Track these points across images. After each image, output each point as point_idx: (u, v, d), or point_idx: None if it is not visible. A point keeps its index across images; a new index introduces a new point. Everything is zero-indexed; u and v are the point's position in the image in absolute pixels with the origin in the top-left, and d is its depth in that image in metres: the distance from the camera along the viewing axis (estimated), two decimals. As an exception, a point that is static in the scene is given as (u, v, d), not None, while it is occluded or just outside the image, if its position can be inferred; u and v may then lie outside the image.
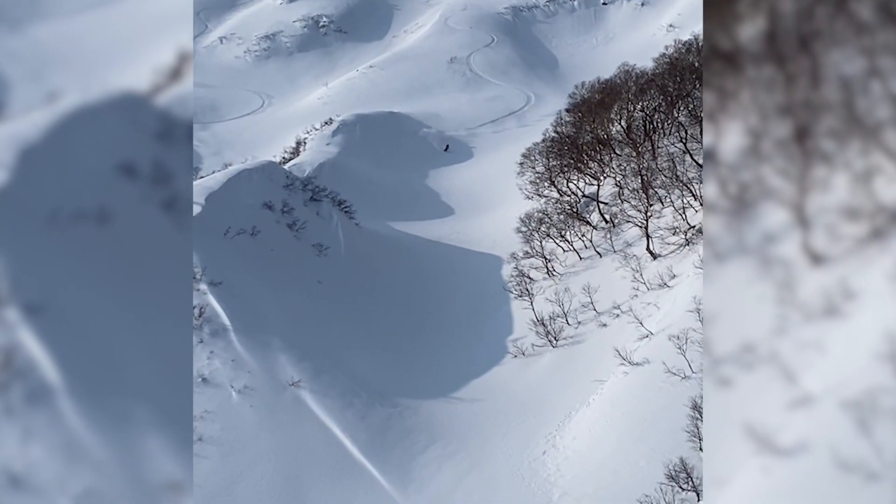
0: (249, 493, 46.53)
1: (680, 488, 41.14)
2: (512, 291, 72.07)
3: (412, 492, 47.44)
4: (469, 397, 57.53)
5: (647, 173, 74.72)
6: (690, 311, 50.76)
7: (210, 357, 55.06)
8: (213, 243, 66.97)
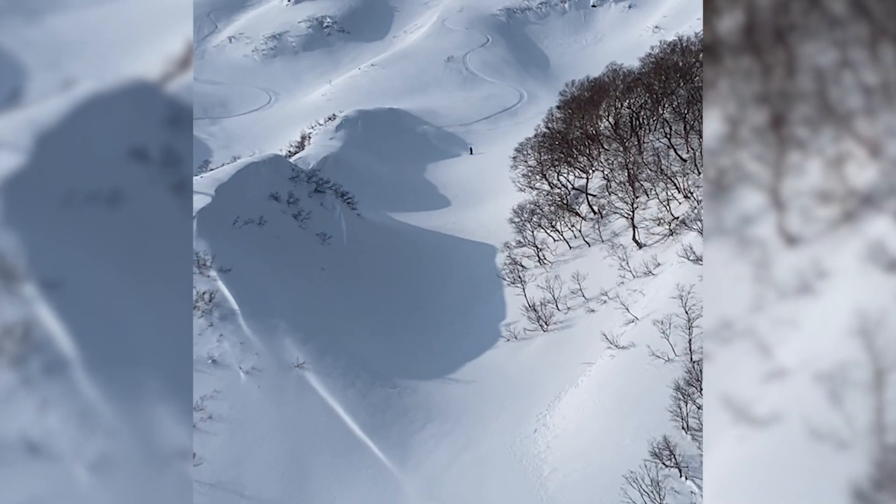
0: (257, 468, 46.57)
1: (663, 465, 41.24)
2: (505, 279, 72.11)
3: (410, 467, 47.51)
4: (464, 378, 57.58)
5: (634, 167, 74.74)
6: (674, 297, 50.77)
7: (219, 340, 55.07)
8: (223, 232, 66.92)
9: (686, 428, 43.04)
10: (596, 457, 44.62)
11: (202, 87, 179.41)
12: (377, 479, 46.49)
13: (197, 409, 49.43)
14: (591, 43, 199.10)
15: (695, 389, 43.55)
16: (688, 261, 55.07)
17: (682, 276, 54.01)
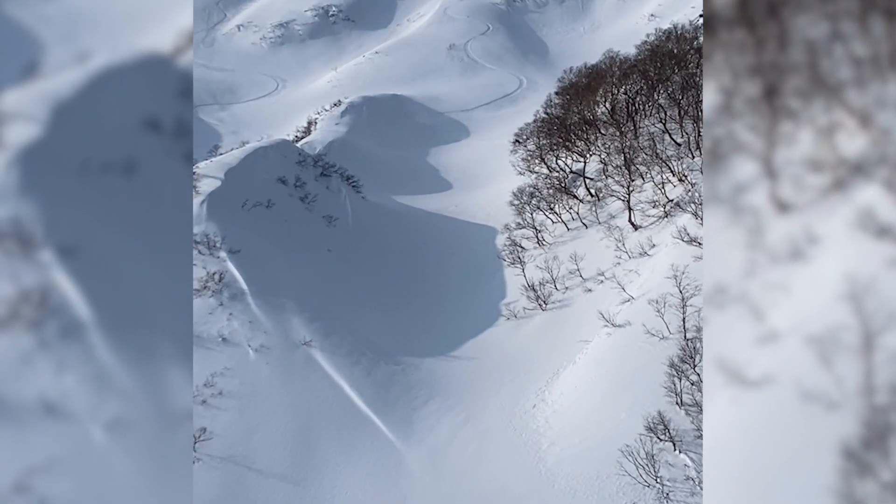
0: (266, 442, 46.64)
1: (658, 439, 41.23)
2: (505, 259, 72.03)
3: (413, 442, 47.55)
4: (465, 356, 57.57)
5: (630, 151, 74.49)
6: (668, 277, 50.65)
7: (229, 319, 55.08)
8: (232, 215, 66.88)
9: (680, 403, 43.01)
10: (593, 431, 44.62)
11: (212, 74, 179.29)
12: (381, 453, 46.55)
13: (207, 386, 49.52)
14: (588, 31, 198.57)
15: (688, 366, 43.52)
16: (682, 242, 54.92)
17: (677, 256, 53.88)
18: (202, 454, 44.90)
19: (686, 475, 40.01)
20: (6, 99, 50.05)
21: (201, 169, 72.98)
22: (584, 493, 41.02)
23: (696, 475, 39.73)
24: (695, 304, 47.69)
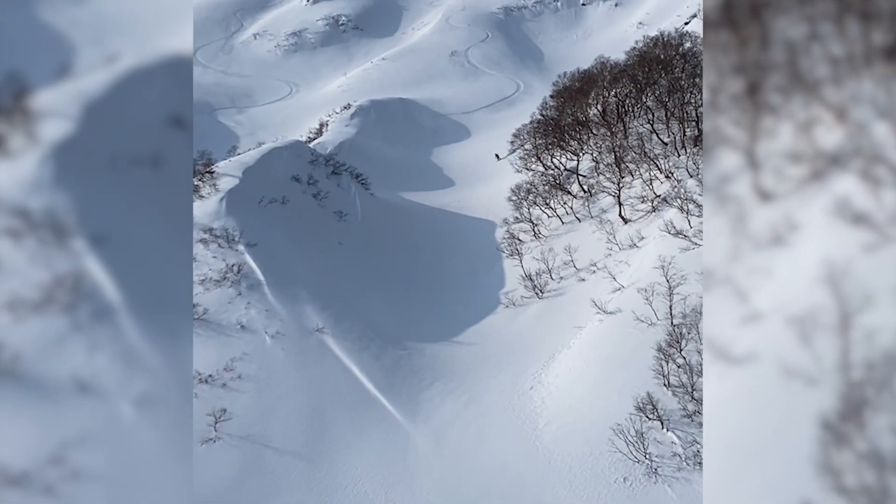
0: (281, 422, 46.65)
1: (647, 418, 41.24)
2: (504, 251, 72.01)
3: (419, 421, 47.55)
4: (467, 341, 57.55)
5: (620, 150, 74.45)
6: (656, 267, 50.62)
7: (247, 307, 55.06)
8: (249, 210, 66.83)
9: (667, 385, 42.99)
10: (586, 411, 44.62)
11: (230, 80, 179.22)
12: (389, 432, 46.55)
13: (227, 370, 49.55)
14: (581, 38, 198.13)
15: (675, 350, 43.50)
16: (669, 234, 54.85)
17: (664, 248, 53.83)
18: (222, 433, 44.94)
19: (673, 451, 40.02)
20: (41, 98, 50.18)
21: (221, 168, 72.92)
22: (579, 469, 41.05)
23: (683, 451, 39.74)
24: (681, 292, 47.66)
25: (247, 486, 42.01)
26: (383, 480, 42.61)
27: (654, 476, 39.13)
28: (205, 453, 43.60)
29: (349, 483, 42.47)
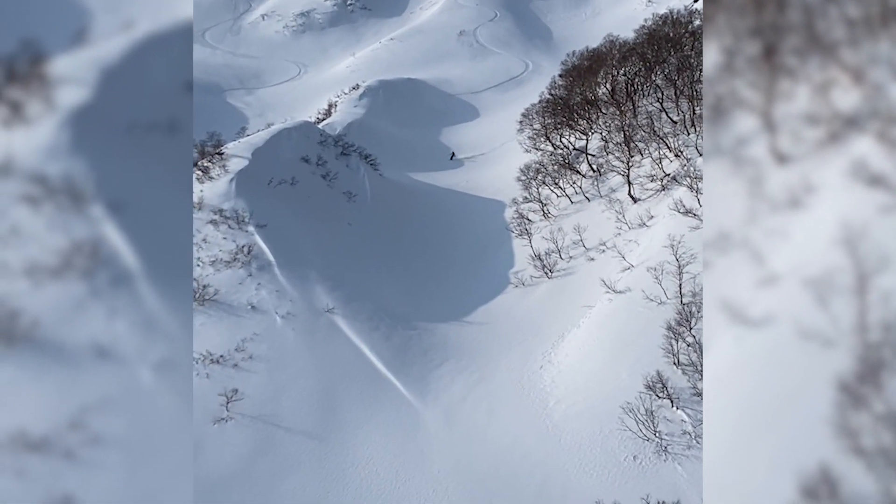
0: (293, 402, 46.80)
1: (657, 396, 41.24)
2: (513, 231, 71.91)
3: (429, 400, 47.65)
4: (477, 321, 57.57)
5: (629, 129, 74.13)
6: (666, 246, 50.45)
7: (258, 288, 55.15)
8: (259, 191, 66.85)
9: (677, 363, 42.95)
10: (596, 390, 44.64)
11: (238, 61, 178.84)
12: (400, 411, 46.67)
13: (238, 350, 49.68)
14: (589, 16, 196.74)
15: (685, 329, 43.41)
16: (678, 213, 54.65)
17: (674, 227, 53.64)
18: (234, 413, 45.12)
19: (683, 430, 40.03)
20: (57, 64, 50.13)
21: (230, 149, 72.87)
22: (589, 447, 41.11)
23: (693, 430, 39.74)
24: (690, 270, 47.53)
25: (259, 465, 42.21)
26: (394, 459, 42.77)
27: (664, 454, 39.16)
28: (217, 433, 43.80)
29: (360, 462, 42.64)
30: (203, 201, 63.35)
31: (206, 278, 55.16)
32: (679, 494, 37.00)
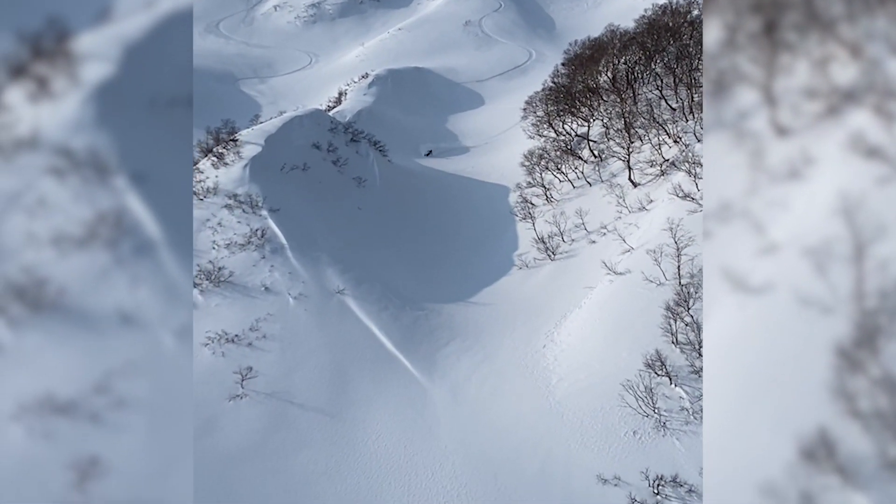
0: (305, 379, 46.91)
1: (655, 374, 41.24)
2: (517, 215, 71.79)
3: (436, 378, 47.72)
4: (482, 302, 57.57)
5: (629, 116, 73.83)
6: (665, 229, 50.35)
7: (271, 270, 55.20)
8: (272, 177, 66.83)
9: (675, 342, 42.93)
10: (597, 368, 44.65)
11: (252, 51, 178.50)
12: (408, 388, 46.75)
13: (252, 330, 49.78)
14: (591, 7, 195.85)
15: (683, 309, 43.37)
16: (677, 197, 54.48)
17: (672, 210, 53.49)
18: (249, 390, 45.26)
19: (681, 406, 40.05)
20: (82, 42, 50.13)
21: (244, 136, 72.84)
22: (590, 423, 41.17)
23: (690, 406, 39.77)
24: (689, 252, 47.44)
25: (273, 439, 42.36)
26: (402, 434, 42.88)
27: (663, 430, 39.21)
28: (232, 409, 43.96)
29: (370, 437, 42.76)
30: (218, 186, 63.38)
31: (222, 260, 55.25)
32: (677, 468, 37.07)
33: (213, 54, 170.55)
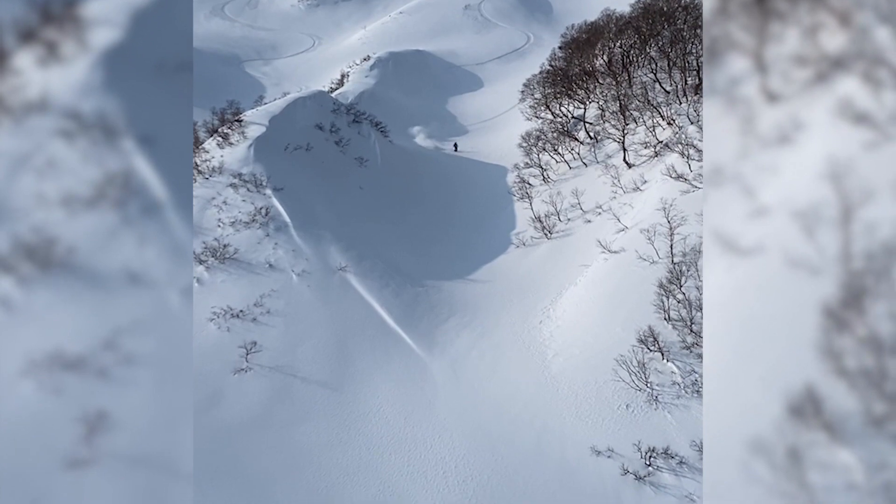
0: (308, 354, 46.94)
1: (648, 349, 41.29)
2: (515, 195, 71.66)
3: (436, 353, 47.76)
4: (481, 279, 57.55)
5: (625, 98, 73.59)
6: (658, 209, 50.25)
7: (275, 248, 55.11)
8: (276, 157, 66.59)
9: (668, 319, 42.93)
10: (591, 343, 44.68)
11: (256, 33, 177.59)
12: (409, 363, 46.81)
13: (257, 306, 49.76)
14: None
15: (675, 287, 43.33)
16: (670, 178, 54.34)
17: (666, 191, 53.39)
18: (254, 364, 45.29)
19: (673, 381, 40.11)
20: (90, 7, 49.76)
21: (248, 117, 72.55)
22: (585, 396, 41.24)
23: (682, 381, 39.81)
24: (681, 232, 47.35)
25: (276, 412, 42.43)
26: (403, 407, 42.95)
27: (655, 403, 39.28)
28: (237, 382, 44.01)
29: (371, 410, 42.83)
30: (223, 166, 63.17)
31: (227, 238, 55.16)
32: (668, 440, 37.17)
33: (219, 37, 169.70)
